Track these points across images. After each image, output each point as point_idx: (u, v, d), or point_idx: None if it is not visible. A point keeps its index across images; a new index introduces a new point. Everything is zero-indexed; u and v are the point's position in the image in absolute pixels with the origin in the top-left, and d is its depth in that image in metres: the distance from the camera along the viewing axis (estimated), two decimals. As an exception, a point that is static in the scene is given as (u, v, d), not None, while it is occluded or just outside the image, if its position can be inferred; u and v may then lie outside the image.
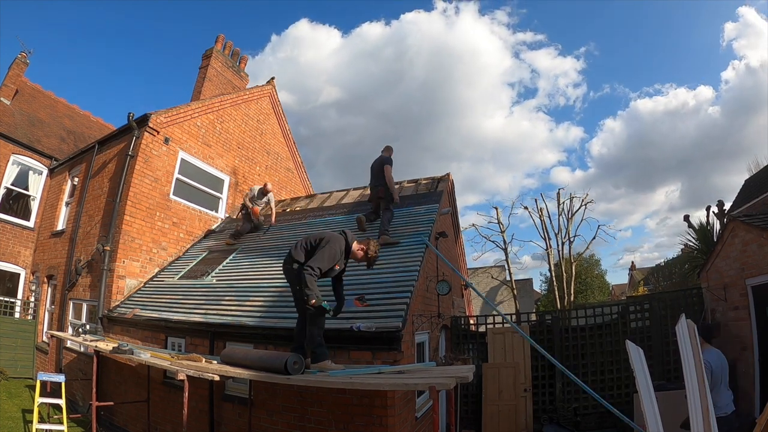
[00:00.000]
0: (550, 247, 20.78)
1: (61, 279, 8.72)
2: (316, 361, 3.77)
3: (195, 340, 5.64)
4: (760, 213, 6.72)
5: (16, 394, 7.34)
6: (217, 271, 7.21)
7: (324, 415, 4.22)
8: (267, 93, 12.18)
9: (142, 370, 5.94)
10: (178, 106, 8.97)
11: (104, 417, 6.38)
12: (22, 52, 11.50)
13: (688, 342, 2.44)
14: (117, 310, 7.07)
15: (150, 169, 8.13)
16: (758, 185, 10.19)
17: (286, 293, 5.71)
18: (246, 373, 3.79)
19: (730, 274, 5.87)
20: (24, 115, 11.26)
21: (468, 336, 7.77)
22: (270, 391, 4.61)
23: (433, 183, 8.37)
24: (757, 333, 5.36)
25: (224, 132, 10.31)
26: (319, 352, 3.77)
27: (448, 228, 7.71)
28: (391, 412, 3.93)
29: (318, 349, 3.77)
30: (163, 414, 5.66)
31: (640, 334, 6.72)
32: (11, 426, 5.89)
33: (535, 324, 7.82)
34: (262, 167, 11.57)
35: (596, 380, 6.72)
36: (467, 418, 7.06)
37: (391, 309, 4.50)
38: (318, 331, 3.79)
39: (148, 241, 8.03)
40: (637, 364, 2.47)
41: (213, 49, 11.42)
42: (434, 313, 6.05)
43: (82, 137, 12.44)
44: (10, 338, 8.56)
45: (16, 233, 10.13)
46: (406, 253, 5.73)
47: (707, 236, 8.98)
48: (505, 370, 7.00)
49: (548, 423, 6.74)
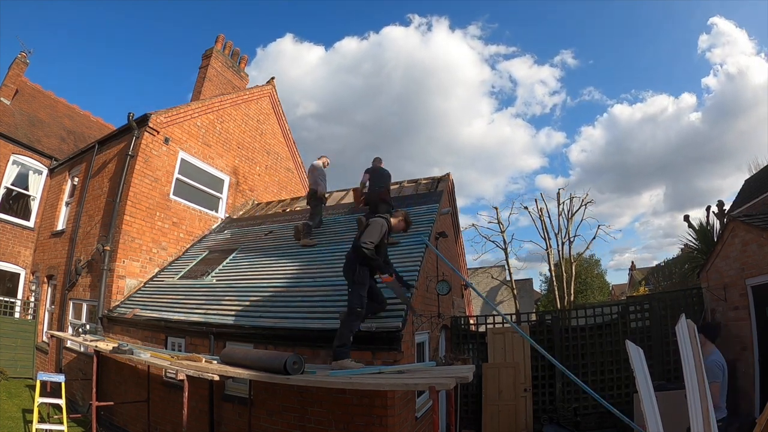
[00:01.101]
0: (550, 247, 20.80)
1: (61, 279, 8.72)
2: (337, 359, 3.81)
3: (195, 340, 5.64)
4: (760, 213, 6.71)
5: (16, 394, 7.34)
6: (217, 271, 7.21)
7: (324, 415, 4.22)
8: (267, 93, 12.18)
9: (142, 370, 5.94)
10: (178, 106, 8.97)
11: (104, 417, 6.37)
12: (22, 52, 11.51)
13: (688, 342, 2.44)
14: (117, 310, 7.07)
15: (150, 169, 8.13)
16: (758, 185, 10.19)
17: (286, 293, 5.73)
18: (246, 373, 3.79)
19: (730, 274, 5.87)
20: (24, 115, 11.26)
21: (468, 336, 7.77)
22: (270, 391, 4.61)
23: (433, 183, 8.37)
24: (757, 333, 5.36)
25: (224, 132, 10.31)
26: (339, 351, 3.83)
27: (448, 228, 7.71)
28: (391, 412, 3.93)
29: (340, 349, 3.83)
30: (163, 414, 5.66)
31: (640, 334, 6.72)
32: (11, 426, 5.89)
33: (535, 324, 7.82)
34: (262, 167, 11.57)
35: (596, 380, 6.72)
36: (467, 418, 7.06)
37: (391, 309, 4.50)
38: (348, 332, 3.90)
39: (148, 241, 8.03)
40: (637, 364, 2.47)
41: (213, 49, 11.43)
42: (434, 313, 6.05)
43: (82, 137, 12.44)
44: (10, 338, 8.56)
45: (16, 233, 10.13)
46: (406, 253, 5.73)
47: (707, 236, 8.98)
48: (505, 370, 7.00)
49: (548, 423, 6.74)
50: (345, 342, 3.87)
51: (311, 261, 6.47)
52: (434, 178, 8.56)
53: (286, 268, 6.48)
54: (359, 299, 3.95)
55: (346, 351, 3.87)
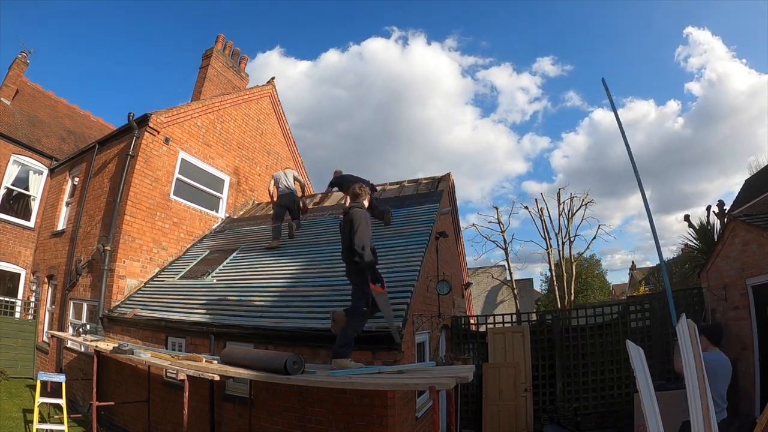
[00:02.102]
0: (550, 246, 20.79)
1: (62, 279, 8.73)
2: (337, 357, 3.77)
3: (195, 340, 5.64)
4: (760, 213, 6.72)
5: (16, 394, 7.35)
6: (218, 271, 7.22)
7: (324, 415, 4.22)
8: (267, 93, 12.17)
9: (142, 370, 5.94)
10: (179, 106, 8.97)
11: (105, 417, 6.37)
12: (23, 52, 11.51)
13: (688, 342, 2.44)
14: (117, 310, 7.07)
15: (150, 169, 8.13)
16: (758, 185, 10.19)
17: (286, 293, 5.74)
18: (246, 373, 3.79)
19: (730, 274, 5.87)
20: (24, 115, 11.27)
21: (468, 336, 7.77)
22: (270, 391, 4.61)
23: (433, 183, 8.37)
24: (758, 333, 5.36)
25: (224, 132, 10.31)
26: (342, 351, 3.78)
27: (448, 228, 7.71)
28: (391, 412, 3.94)
29: (343, 348, 3.79)
30: (164, 414, 5.67)
31: (640, 333, 6.72)
32: (12, 426, 5.89)
33: (535, 324, 7.82)
34: (263, 167, 11.56)
35: (597, 380, 6.73)
36: (467, 418, 7.06)
37: (392, 309, 4.49)
38: (352, 332, 3.84)
39: (149, 241, 8.04)
40: (637, 364, 2.47)
41: (213, 49, 11.42)
42: (434, 312, 6.05)
43: (82, 137, 12.44)
44: (10, 338, 8.56)
45: (17, 233, 10.13)
46: (406, 253, 5.73)
47: (707, 236, 8.99)
48: (506, 369, 7.00)
49: (548, 423, 6.74)
50: (348, 342, 3.83)
51: (311, 261, 6.47)
52: (434, 178, 8.56)
53: (286, 268, 6.48)
54: (364, 299, 3.89)
55: (348, 351, 3.84)
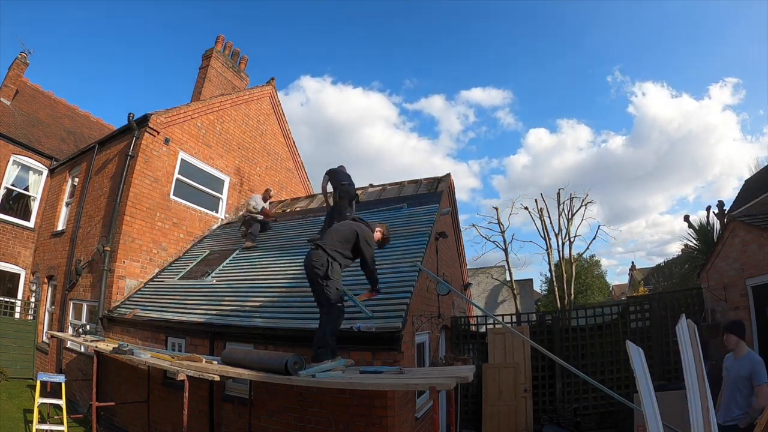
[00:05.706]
0: (550, 247, 20.79)
1: (62, 279, 8.72)
2: (317, 360, 3.65)
3: (195, 341, 5.64)
4: (760, 213, 6.72)
5: (16, 395, 7.34)
6: (217, 271, 7.21)
7: (324, 416, 4.22)
8: (267, 93, 12.17)
9: (142, 371, 5.93)
10: (179, 106, 8.97)
11: (104, 417, 6.37)
12: (22, 52, 11.50)
13: (688, 342, 2.44)
14: (117, 310, 7.07)
15: (150, 170, 8.13)
16: (758, 185, 10.20)
17: (286, 293, 5.73)
18: (246, 373, 3.79)
19: (730, 274, 5.87)
20: (24, 116, 11.26)
21: (468, 336, 7.77)
22: (270, 392, 4.61)
23: (433, 183, 8.38)
24: (757, 333, 5.36)
25: (224, 132, 10.31)
26: (321, 352, 3.67)
27: (448, 228, 7.71)
28: (391, 413, 3.93)
29: (321, 349, 3.67)
30: (164, 414, 5.66)
31: (640, 334, 6.72)
32: (11, 426, 5.89)
33: (535, 324, 7.82)
34: (263, 167, 11.56)
35: (596, 380, 6.70)
36: (467, 419, 7.06)
37: (391, 309, 4.50)
38: (332, 330, 3.74)
39: (149, 241, 8.03)
40: (637, 365, 2.47)
41: (213, 50, 11.41)
42: (434, 313, 6.05)
43: (82, 137, 12.44)
44: (10, 338, 8.55)
45: (16, 233, 10.13)
46: (406, 253, 5.72)
47: (707, 236, 8.99)
48: (506, 370, 7.00)
49: (548, 423, 6.73)
50: (328, 343, 3.69)
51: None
52: (435, 178, 8.56)
53: (286, 269, 6.47)
54: (336, 293, 3.74)
55: (328, 353, 3.67)
